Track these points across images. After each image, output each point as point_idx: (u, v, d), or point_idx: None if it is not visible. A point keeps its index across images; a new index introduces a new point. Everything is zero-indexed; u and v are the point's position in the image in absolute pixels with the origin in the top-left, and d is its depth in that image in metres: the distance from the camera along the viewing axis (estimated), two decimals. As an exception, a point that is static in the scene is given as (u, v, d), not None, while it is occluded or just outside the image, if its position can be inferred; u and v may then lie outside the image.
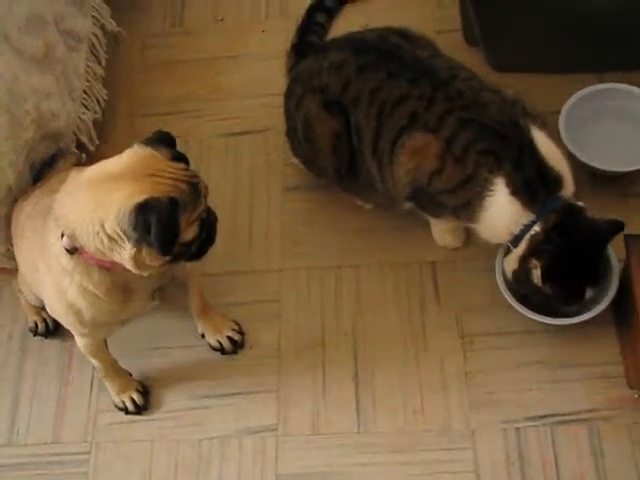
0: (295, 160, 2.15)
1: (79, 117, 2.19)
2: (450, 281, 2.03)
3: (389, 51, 1.88)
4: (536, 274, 1.75)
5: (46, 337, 2.07)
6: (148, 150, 1.56)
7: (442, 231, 2.06)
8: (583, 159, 2.00)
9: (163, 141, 1.59)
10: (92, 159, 2.21)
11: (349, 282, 2.06)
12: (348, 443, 1.87)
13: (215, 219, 1.68)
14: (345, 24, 2.09)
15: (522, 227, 1.75)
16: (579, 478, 1.78)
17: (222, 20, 2.57)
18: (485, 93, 1.80)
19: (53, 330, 2.06)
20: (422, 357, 1.95)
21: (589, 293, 1.80)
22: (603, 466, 1.78)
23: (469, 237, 2.05)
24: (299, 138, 2.03)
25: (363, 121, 1.87)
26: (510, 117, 1.75)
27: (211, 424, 1.93)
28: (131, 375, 1.98)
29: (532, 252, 1.75)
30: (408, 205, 1.94)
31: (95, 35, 2.31)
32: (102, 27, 2.37)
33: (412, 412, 1.89)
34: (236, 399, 1.95)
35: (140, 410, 1.95)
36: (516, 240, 1.78)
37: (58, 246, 1.59)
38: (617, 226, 1.77)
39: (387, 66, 1.85)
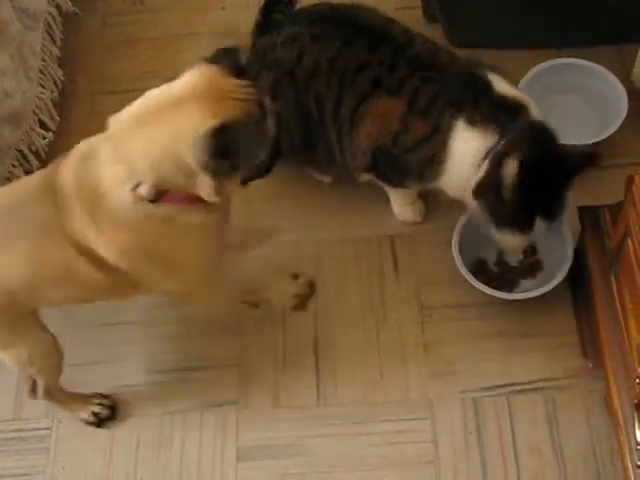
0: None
1: (37, 97, 2.18)
2: (409, 255, 2.05)
3: (344, 19, 1.88)
4: (512, 166, 1.66)
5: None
6: (213, 68, 1.42)
7: (402, 205, 2.07)
8: (540, 133, 2.02)
9: (226, 56, 1.46)
10: (57, 138, 2.23)
11: (309, 257, 2.07)
12: (309, 415, 1.89)
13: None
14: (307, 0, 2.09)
15: (486, 150, 1.70)
16: (535, 446, 1.81)
17: (183, -3, 2.57)
18: (440, 55, 1.83)
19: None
20: (381, 329, 1.97)
21: (540, 226, 1.74)
22: (558, 433, 1.82)
23: (428, 212, 2.07)
24: None
25: (324, 91, 1.87)
26: (467, 70, 1.79)
27: (172, 399, 1.94)
28: None
29: (501, 156, 1.68)
30: (366, 177, 1.95)
31: (50, 14, 2.29)
32: (57, 6, 2.35)
33: (372, 383, 1.91)
34: (197, 373, 1.96)
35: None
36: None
37: (141, 205, 1.44)
38: (592, 159, 1.72)
39: (342, 34, 1.86)
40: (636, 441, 1.46)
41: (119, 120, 1.45)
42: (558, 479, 1.78)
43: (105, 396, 1.93)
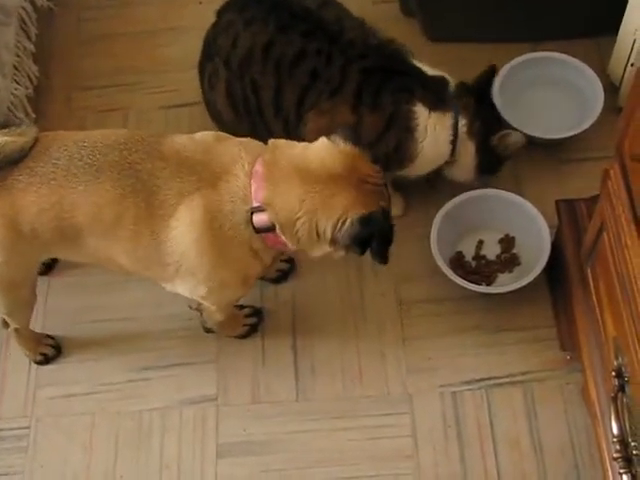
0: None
1: (12, 93, 2.16)
2: (387, 249, 2.05)
3: (275, 2, 1.87)
4: (510, 140, 1.90)
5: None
6: (356, 150, 1.56)
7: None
8: (518, 127, 2.02)
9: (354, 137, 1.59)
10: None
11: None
12: (288, 411, 1.89)
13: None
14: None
15: (452, 128, 1.86)
16: (514, 439, 1.82)
17: (159, -8, 2.55)
18: (370, 39, 1.87)
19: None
20: (360, 325, 1.97)
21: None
22: (537, 426, 1.83)
23: (405, 206, 2.07)
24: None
25: (260, 79, 1.87)
26: (396, 55, 1.87)
27: (151, 395, 1.93)
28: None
29: (487, 131, 1.88)
30: None
31: (24, 9, 2.26)
32: (31, 1, 2.33)
33: (350, 379, 1.91)
34: (176, 370, 1.95)
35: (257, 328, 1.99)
36: (454, 143, 1.87)
37: (246, 227, 1.57)
38: (492, 69, 1.94)
39: (276, 18, 1.85)
40: (613, 433, 1.47)
41: (278, 146, 1.59)
42: (537, 471, 1.79)
43: (52, 337, 2.00)
